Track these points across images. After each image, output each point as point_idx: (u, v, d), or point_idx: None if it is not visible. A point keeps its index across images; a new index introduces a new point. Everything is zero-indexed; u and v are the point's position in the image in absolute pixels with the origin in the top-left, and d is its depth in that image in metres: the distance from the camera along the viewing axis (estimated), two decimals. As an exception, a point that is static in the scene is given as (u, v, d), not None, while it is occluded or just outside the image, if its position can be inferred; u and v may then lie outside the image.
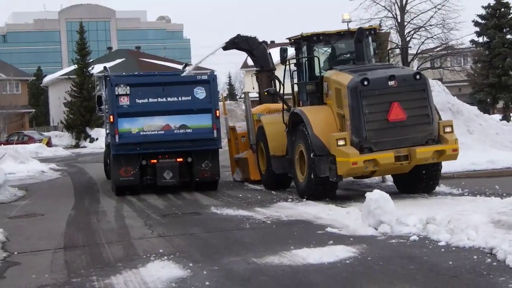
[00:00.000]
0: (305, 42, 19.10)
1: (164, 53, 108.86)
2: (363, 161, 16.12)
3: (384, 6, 26.01)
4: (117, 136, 20.66)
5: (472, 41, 35.96)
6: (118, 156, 21.02)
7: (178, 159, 21.19)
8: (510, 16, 46.06)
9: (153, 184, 21.43)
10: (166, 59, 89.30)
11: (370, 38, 19.24)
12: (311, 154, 17.09)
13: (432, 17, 26.11)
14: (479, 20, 47.13)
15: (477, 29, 46.64)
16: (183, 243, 12.71)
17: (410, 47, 25.09)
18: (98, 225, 15.59)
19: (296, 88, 19.67)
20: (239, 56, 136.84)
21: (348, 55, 19.25)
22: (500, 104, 47.19)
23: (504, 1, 45.88)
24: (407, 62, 22.35)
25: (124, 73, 28.56)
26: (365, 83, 16.34)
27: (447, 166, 21.32)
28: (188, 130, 20.91)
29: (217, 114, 21.16)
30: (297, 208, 16.37)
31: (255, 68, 24.80)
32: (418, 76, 16.69)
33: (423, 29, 26.33)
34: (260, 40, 25.94)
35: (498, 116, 31.49)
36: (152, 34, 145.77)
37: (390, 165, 16.45)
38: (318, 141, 16.99)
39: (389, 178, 20.08)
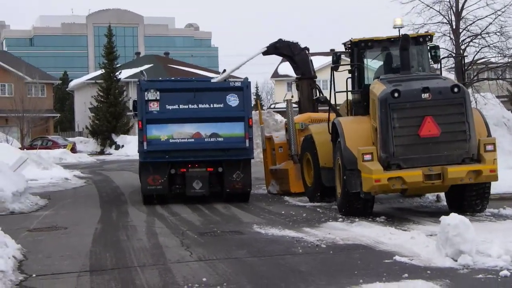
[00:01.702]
0: (355, 49, 18.05)
1: (191, 60, 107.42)
2: (387, 179, 15.18)
3: (439, 11, 24.10)
4: (145, 143, 19.85)
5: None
6: (146, 164, 20.22)
7: (208, 169, 20.34)
8: None
9: (182, 194, 20.46)
10: (195, 66, 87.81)
11: (425, 46, 18.00)
12: (344, 168, 16.20)
13: (490, 23, 24.10)
14: None
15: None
16: (229, 270, 10.89)
17: (466, 55, 23.10)
18: (128, 243, 13.81)
19: (350, 96, 18.56)
20: (268, 66, 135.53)
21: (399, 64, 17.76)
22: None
23: None
24: (464, 72, 20.49)
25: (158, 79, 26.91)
26: (396, 94, 15.38)
27: (507, 187, 20.15)
28: (220, 139, 20.09)
29: (250, 123, 20.23)
30: (351, 229, 14.54)
31: (283, 78, 23.54)
32: (456, 89, 15.48)
33: (480, 36, 24.31)
34: (302, 46, 24.76)
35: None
36: (180, 41, 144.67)
37: (420, 183, 15.34)
38: (349, 155, 16.07)
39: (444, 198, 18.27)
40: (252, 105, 24.52)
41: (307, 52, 24.70)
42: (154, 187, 20.13)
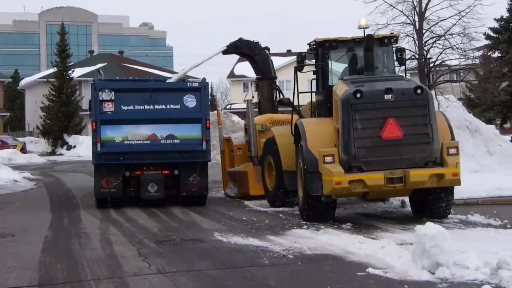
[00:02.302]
0: (320, 49, 17.56)
1: (146, 60, 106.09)
2: (348, 181, 14.76)
3: (402, 11, 23.57)
4: (99, 145, 19.29)
5: (483, 56, 33.71)
6: (100, 166, 19.61)
7: (164, 171, 19.77)
8: None
9: (137, 197, 19.84)
10: (149, 65, 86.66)
11: (390, 47, 17.62)
12: (305, 170, 15.71)
13: (454, 25, 23.65)
14: (491, 34, 44.86)
15: (488, 42, 44.48)
16: (192, 285, 10.09)
17: (430, 57, 22.62)
18: (81, 253, 12.89)
19: (314, 98, 18.09)
20: (223, 66, 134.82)
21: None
22: (508, 124, 45.07)
23: None
24: (428, 73, 20.04)
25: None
26: (358, 95, 14.97)
27: (470, 192, 19.67)
28: (176, 141, 19.56)
29: (208, 125, 19.74)
30: (318, 237, 13.80)
31: (240, 78, 23.01)
32: (419, 91, 15.12)
33: (443, 38, 23.83)
34: (263, 46, 24.22)
35: (507, 137, 29.21)
36: (135, 40, 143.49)
37: (381, 187, 14.94)
38: (311, 157, 15.58)
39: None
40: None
41: (268, 52, 24.21)
42: (108, 190, 19.51)
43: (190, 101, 19.72)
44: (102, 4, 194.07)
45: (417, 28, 24.22)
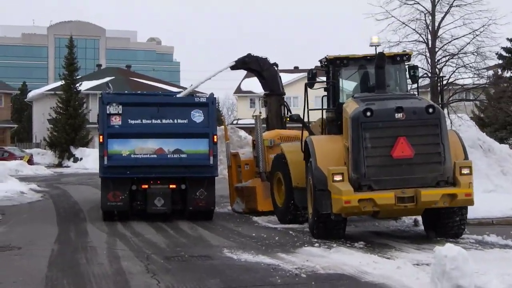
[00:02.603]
0: (331, 66, 17.52)
1: (153, 74, 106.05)
2: (357, 200, 14.51)
3: (415, 29, 23.25)
4: (106, 158, 19.23)
5: (495, 75, 33.38)
6: (107, 180, 19.54)
7: (171, 186, 19.70)
8: None
9: (143, 211, 19.70)
10: (157, 79, 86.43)
11: (403, 65, 17.50)
12: (314, 188, 15.57)
13: (468, 44, 23.31)
14: (504, 53, 44.49)
15: (501, 61, 44.08)
16: (202, 304, 9.75)
17: (444, 76, 22.29)
18: (88, 268, 12.56)
19: (325, 115, 17.86)
20: (229, 82, 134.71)
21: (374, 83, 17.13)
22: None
23: None
24: (440, 92, 19.72)
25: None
26: (368, 113, 14.81)
27: (485, 212, 19.22)
28: (183, 155, 19.44)
29: (215, 140, 19.63)
30: (330, 256, 13.44)
31: (247, 94, 22.86)
32: (431, 110, 14.91)
33: (457, 56, 23.50)
34: (271, 62, 24.09)
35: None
36: (142, 55, 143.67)
37: (392, 206, 14.66)
38: (320, 174, 15.41)
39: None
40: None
41: (276, 68, 24.11)
42: (115, 203, 19.42)
43: (197, 116, 19.63)
44: (111, 18, 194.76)
45: (430, 46, 23.90)
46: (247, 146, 37.65)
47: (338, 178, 14.83)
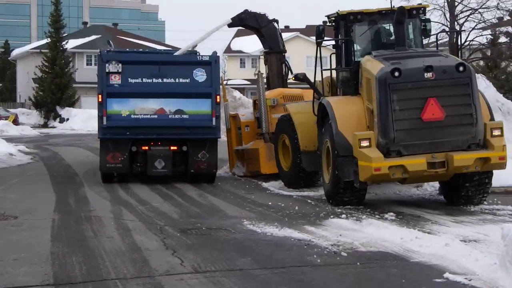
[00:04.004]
0: (342, 22, 16.39)
1: (138, 34, 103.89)
2: (388, 167, 13.68)
3: (432, -21, 21.71)
4: (105, 118, 18.62)
5: (507, 34, 31.80)
6: (106, 141, 19.04)
7: (172, 147, 19.16)
8: None
9: (143, 173, 19.12)
10: (145, 38, 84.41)
11: (418, 20, 16.41)
12: (335, 154, 14.64)
13: (488, -1, 21.80)
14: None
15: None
16: (241, 290, 8.37)
17: (464, 30, 20.85)
18: (97, 242, 11.14)
19: (334, 74, 16.91)
20: (218, 42, 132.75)
21: (392, 38, 16.25)
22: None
23: None
24: (460, 49, 18.35)
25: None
26: (396, 74, 13.85)
27: (510, 179, 17.68)
28: (185, 116, 18.88)
29: (218, 100, 19.10)
30: (364, 230, 12.11)
31: (237, 54, 21.77)
32: (461, 68, 14.03)
33: (477, 12, 22.04)
34: (270, 18, 23.07)
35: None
36: (127, 13, 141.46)
37: (423, 172, 13.89)
38: (342, 140, 14.54)
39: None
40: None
41: (276, 24, 23.07)
42: (114, 165, 18.91)
43: (200, 75, 19.01)
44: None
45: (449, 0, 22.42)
46: (242, 107, 36.44)
47: (365, 143, 13.93)
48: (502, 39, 30.63)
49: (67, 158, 27.63)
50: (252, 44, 73.19)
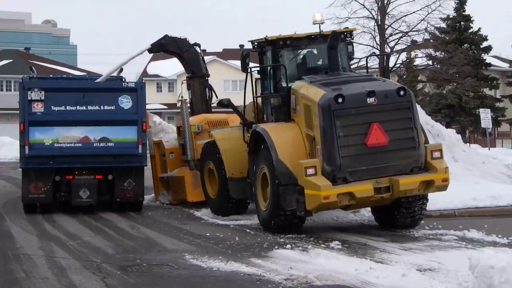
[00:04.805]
0: (269, 47, 16.12)
1: (49, 58, 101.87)
2: (336, 195, 13.46)
3: (363, 4, 21.60)
4: (27, 148, 18.11)
5: (429, 56, 32.01)
6: (28, 170, 18.46)
7: (97, 176, 18.68)
8: (470, 31, 42.56)
9: (67, 203, 18.58)
10: (59, 63, 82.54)
11: (345, 43, 16.35)
12: (275, 183, 14.24)
13: (422, 20, 21.84)
14: (437, 34, 43.27)
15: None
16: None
17: (393, 53, 20.81)
18: (31, 285, 10.25)
19: (259, 100, 16.68)
20: (135, 66, 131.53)
21: (320, 63, 16.39)
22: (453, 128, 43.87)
23: (466, 14, 42.32)
24: (388, 72, 18.30)
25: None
26: (340, 100, 13.72)
27: (446, 202, 17.86)
28: (110, 144, 18.52)
29: (144, 127, 18.77)
30: (314, 262, 11.55)
31: (154, 78, 21.46)
32: (402, 92, 14.03)
33: (407, 35, 22.01)
34: (191, 42, 22.70)
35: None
36: (37, 38, 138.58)
37: (369, 198, 13.82)
38: (283, 168, 14.19)
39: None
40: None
41: (198, 48, 22.74)
42: (37, 196, 18.34)
43: (125, 102, 18.64)
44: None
45: (379, 23, 22.32)
46: (162, 132, 35.73)
47: (311, 171, 13.65)
48: (418, 60, 30.82)
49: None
50: (168, 68, 72.61)
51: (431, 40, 38.57)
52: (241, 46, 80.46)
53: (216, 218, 17.39)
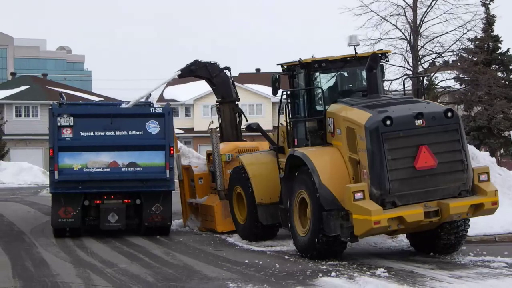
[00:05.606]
0: (302, 70, 15.89)
1: (67, 84, 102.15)
2: (387, 220, 13.11)
3: (395, 25, 21.26)
4: (56, 173, 18.30)
5: (457, 78, 31.62)
6: (58, 195, 18.65)
7: (125, 201, 18.89)
8: (500, 51, 42.11)
9: (96, 227, 18.81)
10: (77, 88, 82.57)
11: (380, 65, 16.04)
12: (318, 208, 13.98)
13: (456, 41, 21.46)
14: (465, 55, 42.83)
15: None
16: None
17: (429, 75, 20.46)
18: (76, 315, 9.89)
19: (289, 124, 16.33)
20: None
21: (351, 85, 16.26)
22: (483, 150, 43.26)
23: (494, 34, 41.93)
24: (423, 94, 17.97)
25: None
26: (388, 122, 13.47)
27: (485, 227, 17.47)
28: (138, 169, 18.64)
29: (172, 152, 18.91)
30: (365, 290, 11.14)
31: (170, 102, 21.51)
32: (450, 114, 13.85)
33: (441, 56, 21.64)
34: (222, 66, 22.36)
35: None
36: (52, 64, 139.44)
37: (419, 222, 13.46)
38: (327, 193, 13.94)
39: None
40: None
41: (229, 72, 22.39)
42: (66, 220, 18.55)
43: (153, 127, 18.88)
44: (19, 27, 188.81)
45: (412, 44, 21.98)
46: (183, 157, 35.36)
47: (359, 196, 13.29)
48: (441, 82, 30.43)
49: (7, 214, 25.83)
50: (185, 92, 72.51)
51: (458, 63, 38.47)
52: (257, 70, 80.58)
53: (250, 244, 17.07)
